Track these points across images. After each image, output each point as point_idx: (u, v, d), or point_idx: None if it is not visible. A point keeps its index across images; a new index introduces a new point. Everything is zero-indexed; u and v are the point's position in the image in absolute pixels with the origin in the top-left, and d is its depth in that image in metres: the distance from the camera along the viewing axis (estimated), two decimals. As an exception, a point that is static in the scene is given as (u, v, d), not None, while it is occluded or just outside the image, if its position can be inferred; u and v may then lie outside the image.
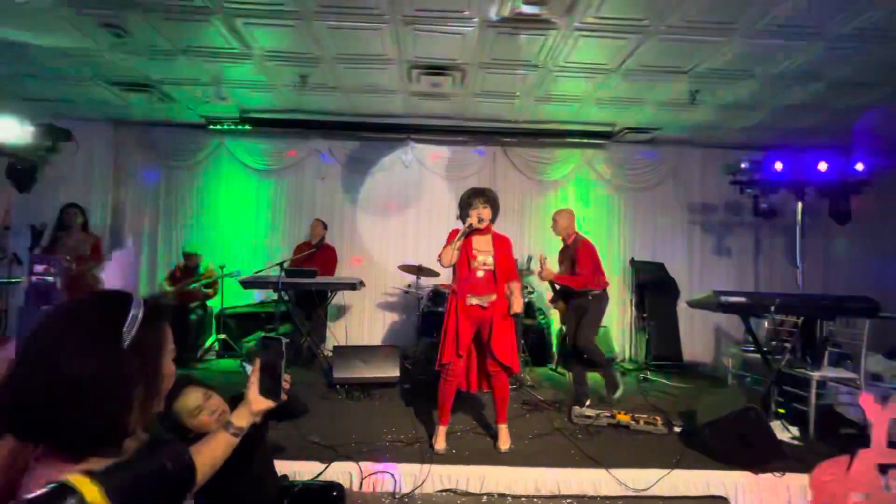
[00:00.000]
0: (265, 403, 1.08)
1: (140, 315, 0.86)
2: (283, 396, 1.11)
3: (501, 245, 2.95)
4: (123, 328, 0.83)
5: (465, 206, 2.94)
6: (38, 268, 3.99)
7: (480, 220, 2.86)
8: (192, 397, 1.67)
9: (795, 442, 3.04)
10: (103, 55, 3.95)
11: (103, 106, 5.18)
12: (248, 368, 1.14)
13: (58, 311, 0.85)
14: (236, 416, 1.06)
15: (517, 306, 2.87)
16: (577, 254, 3.74)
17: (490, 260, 2.89)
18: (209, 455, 0.99)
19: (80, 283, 4.12)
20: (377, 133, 5.70)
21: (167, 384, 0.92)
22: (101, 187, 5.74)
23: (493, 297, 2.87)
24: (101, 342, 0.81)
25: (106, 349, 0.81)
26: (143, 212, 5.89)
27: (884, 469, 2.37)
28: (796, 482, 2.60)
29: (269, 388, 1.09)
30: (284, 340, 1.11)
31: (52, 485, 0.71)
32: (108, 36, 3.59)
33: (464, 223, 2.88)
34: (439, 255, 2.87)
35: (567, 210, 4.04)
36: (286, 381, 1.12)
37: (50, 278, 3.98)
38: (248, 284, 4.57)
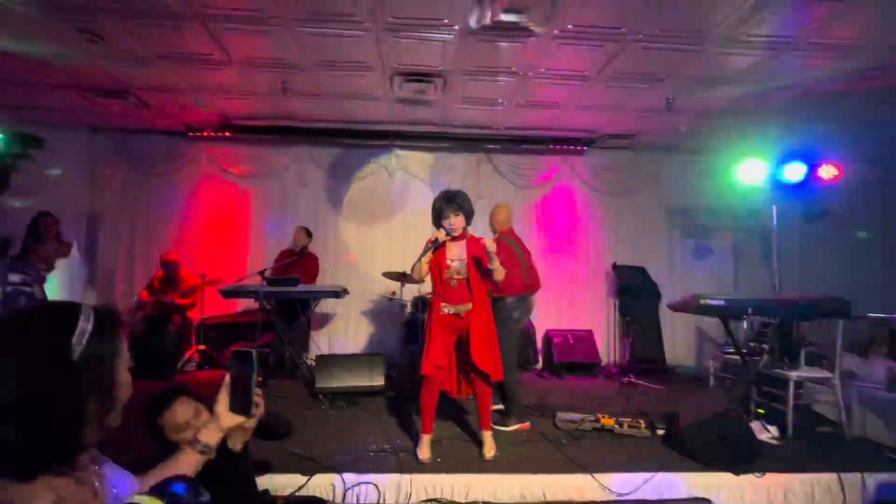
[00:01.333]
0: (235, 419, 1.05)
1: (89, 326, 0.83)
2: (255, 412, 1.08)
3: (477, 250, 2.80)
4: (72, 340, 0.80)
5: (436, 215, 2.85)
6: (14, 277, 3.72)
7: (449, 232, 2.77)
8: (182, 411, 1.56)
9: (774, 441, 3.09)
10: (78, 61, 3.86)
11: (79, 113, 5.06)
12: None
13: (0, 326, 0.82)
14: (205, 432, 1.03)
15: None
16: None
17: (464, 268, 2.79)
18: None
19: (52, 295, 4.00)
20: (361, 140, 5.67)
21: (124, 396, 0.89)
22: (77, 196, 5.59)
23: (469, 305, 2.78)
24: (47, 355, 0.78)
25: (53, 362, 0.78)
26: (121, 221, 5.76)
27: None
28: (776, 481, 2.64)
29: (240, 402, 1.06)
30: (255, 353, 1.08)
31: None
32: (83, 42, 3.52)
33: (439, 229, 2.81)
34: (412, 268, 2.82)
35: (503, 204, 3.78)
36: (258, 395, 1.09)
37: (28, 288, 3.71)
38: (228, 294, 4.49)
